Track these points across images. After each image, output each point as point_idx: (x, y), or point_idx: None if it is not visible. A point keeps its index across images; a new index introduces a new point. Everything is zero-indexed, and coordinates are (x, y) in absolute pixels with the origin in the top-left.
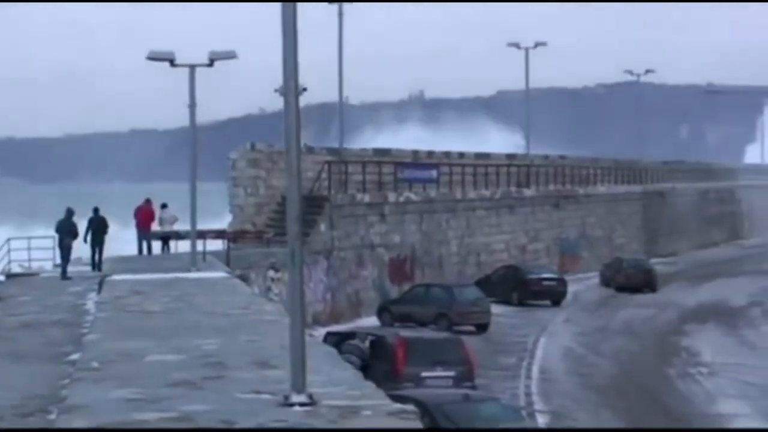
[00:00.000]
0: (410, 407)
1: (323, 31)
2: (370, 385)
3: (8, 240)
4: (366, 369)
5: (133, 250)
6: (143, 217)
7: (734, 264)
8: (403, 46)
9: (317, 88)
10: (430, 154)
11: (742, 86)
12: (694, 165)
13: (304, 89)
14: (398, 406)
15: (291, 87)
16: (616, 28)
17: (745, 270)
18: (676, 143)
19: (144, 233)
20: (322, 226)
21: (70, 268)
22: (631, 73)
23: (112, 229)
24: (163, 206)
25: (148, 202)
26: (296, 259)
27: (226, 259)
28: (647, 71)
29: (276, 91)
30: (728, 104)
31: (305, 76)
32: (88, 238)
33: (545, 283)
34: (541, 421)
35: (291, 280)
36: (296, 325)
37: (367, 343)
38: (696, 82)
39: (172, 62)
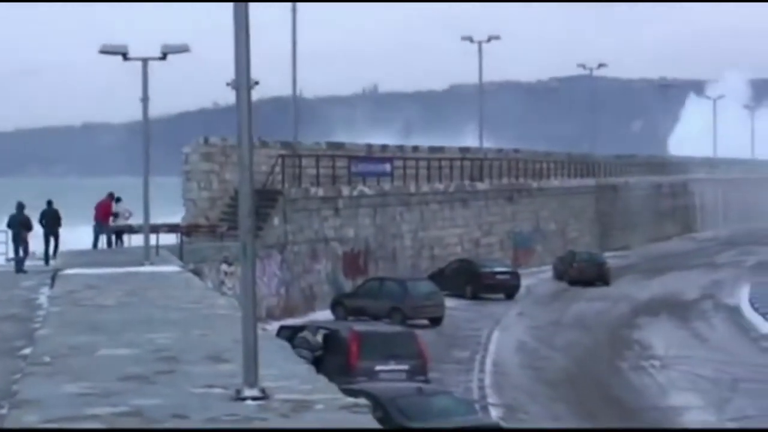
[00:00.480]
0: (363, 401)
1: (277, 24)
2: (322, 379)
3: None
4: (317, 362)
5: (87, 245)
6: (104, 210)
7: (687, 257)
8: (356, 40)
9: (271, 82)
10: (384, 147)
11: (696, 80)
12: (647, 159)
13: (256, 83)
14: (351, 399)
15: (243, 81)
16: (570, 22)
17: (697, 263)
18: (629, 137)
19: (104, 227)
20: (276, 220)
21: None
22: (584, 67)
23: (65, 223)
24: (118, 200)
25: (110, 196)
26: (248, 253)
27: (179, 253)
28: (600, 65)
29: (228, 84)
30: (681, 98)
31: (258, 70)
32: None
33: (499, 276)
34: (495, 414)
35: (243, 274)
36: (248, 320)
37: (319, 337)
38: (649, 76)
39: (125, 56)
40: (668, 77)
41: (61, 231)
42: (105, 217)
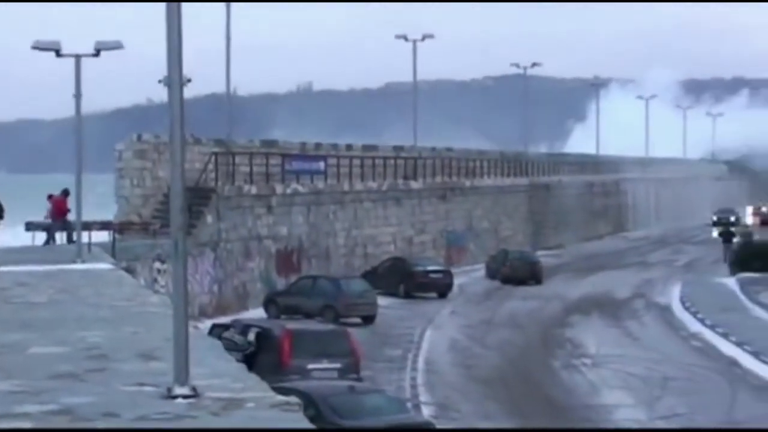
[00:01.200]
0: (294, 399)
1: (211, 21)
2: (253, 377)
3: None
4: (248, 361)
5: (20, 242)
6: (59, 207)
7: (619, 256)
8: (291, 37)
9: (205, 80)
10: (318, 145)
11: (628, 79)
12: (579, 157)
13: (189, 80)
14: (282, 398)
15: (175, 78)
16: (504, 21)
17: (629, 262)
18: (563, 136)
19: (58, 224)
20: (209, 218)
21: None
22: (517, 66)
23: None
24: (50, 197)
25: (64, 193)
26: (180, 251)
27: (111, 250)
28: (534, 64)
29: (160, 82)
30: (614, 97)
31: (192, 67)
32: None
33: (432, 275)
34: (426, 412)
35: (175, 271)
36: (180, 317)
37: (251, 335)
38: (582, 75)
39: (58, 52)
40: (601, 76)
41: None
42: (60, 215)
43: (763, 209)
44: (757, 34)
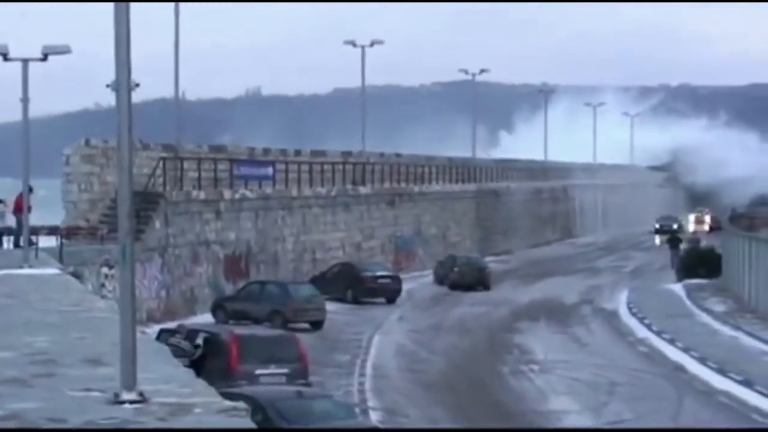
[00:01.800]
0: (241, 404)
1: (159, 24)
2: (201, 383)
3: None
4: (196, 366)
5: None
6: (16, 204)
7: (567, 262)
8: (240, 42)
9: (153, 84)
10: (266, 151)
11: (577, 86)
12: (527, 164)
13: (137, 85)
14: (229, 403)
15: (123, 83)
16: (453, 28)
17: (577, 268)
18: (511, 142)
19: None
20: (157, 223)
21: None
22: (466, 72)
23: None
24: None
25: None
26: (127, 256)
27: (59, 255)
28: (482, 71)
29: (108, 86)
30: (562, 103)
31: (140, 72)
32: None
33: (380, 280)
34: (375, 417)
35: (122, 276)
36: (127, 323)
37: (199, 340)
38: (531, 82)
39: (5, 56)
40: (550, 83)
41: None
42: (18, 211)
43: (706, 217)
44: (704, 42)
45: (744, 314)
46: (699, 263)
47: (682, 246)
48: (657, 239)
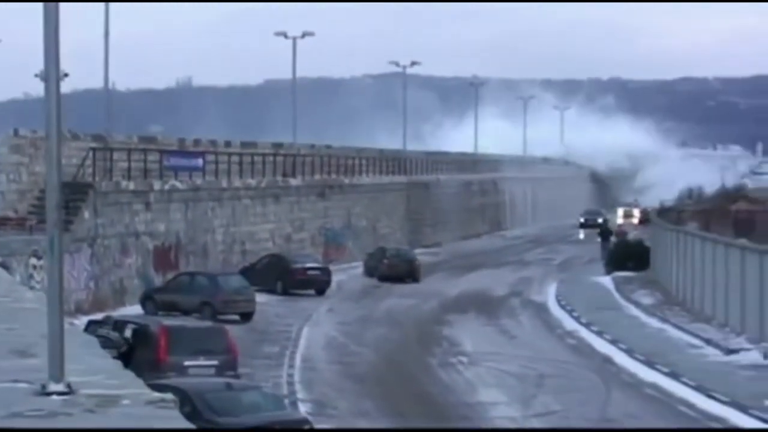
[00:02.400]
0: (170, 396)
1: (90, 14)
2: (129, 374)
3: None
4: (125, 357)
5: None
6: None
7: (496, 254)
8: (170, 32)
9: (83, 74)
10: (197, 142)
11: (507, 79)
12: (458, 156)
13: (66, 75)
14: (157, 395)
15: (52, 72)
16: (384, 20)
17: (506, 260)
18: (441, 134)
19: None
20: (86, 214)
21: None
22: (397, 64)
23: None
24: None
25: None
26: (55, 247)
27: None
28: (413, 63)
29: (37, 76)
30: (492, 96)
31: (70, 61)
32: None
33: (310, 272)
34: (304, 409)
35: (50, 267)
36: (55, 314)
37: (128, 332)
38: (461, 74)
39: None
40: (480, 75)
41: None
42: None
43: (635, 210)
44: (635, 36)
45: (671, 307)
46: (627, 256)
47: (612, 239)
48: (581, 233)
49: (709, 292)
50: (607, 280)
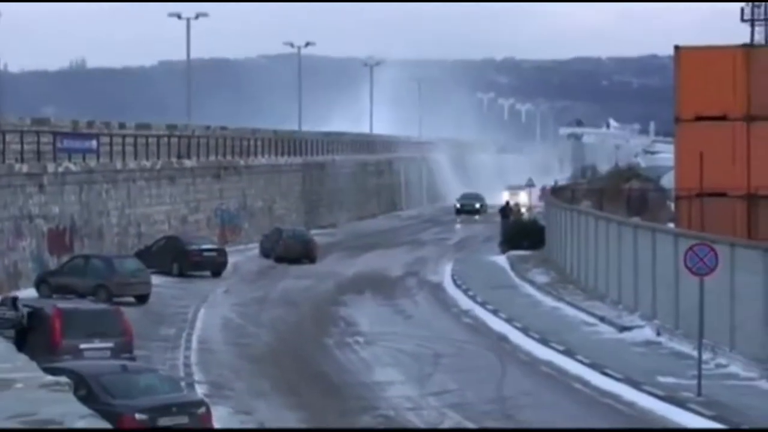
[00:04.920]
0: (64, 379)
1: None
2: (23, 357)
3: None
4: (20, 339)
5: None
6: None
7: (392, 235)
8: (63, 13)
9: None
10: (90, 123)
11: (402, 60)
12: (354, 137)
13: None
14: (51, 378)
15: None
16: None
17: (402, 241)
18: (337, 115)
19: None
20: None
21: None
22: (291, 45)
23: None
24: None
25: None
26: None
27: None
28: (308, 44)
29: None
30: (388, 77)
31: None
32: None
33: (205, 254)
34: (200, 391)
35: None
36: None
37: (22, 313)
38: (356, 55)
39: None
40: (376, 56)
41: None
42: None
43: (521, 192)
44: (528, 16)
45: (566, 285)
46: (523, 235)
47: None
48: (458, 222)
49: (603, 270)
50: (502, 259)
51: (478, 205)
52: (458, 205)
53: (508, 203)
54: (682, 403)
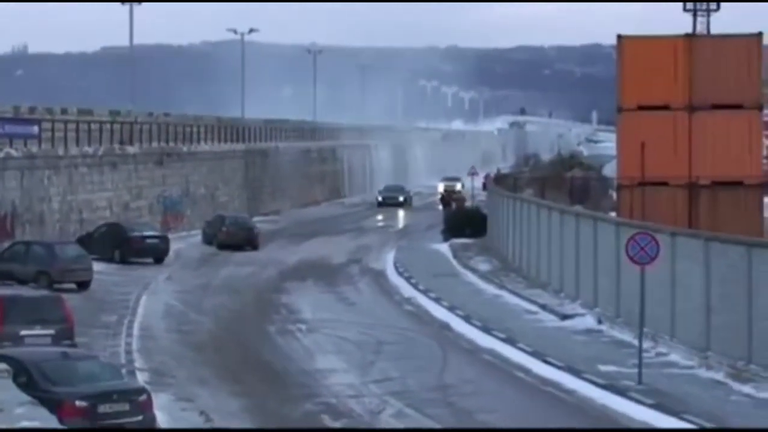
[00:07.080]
0: (4, 366)
1: None
2: None
3: None
4: None
5: None
6: None
7: (335, 222)
8: None
9: None
10: (32, 109)
11: (347, 47)
12: (297, 124)
13: None
14: None
15: None
16: None
17: (345, 228)
18: (280, 102)
19: None
20: None
21: None
22: (235, 31)
23: None
24: None
25: None
26: None
27: None
28: (251, 30)
29: None
30: (332, 64)
31: None
32: None
33: (148, 240)
34: (141, 378)
35: None
36: None
37: None
38: (300, 42)
39: None
40: (319, 43)
41: None
42: None
43: (457, 184)
44: (470, 4)
45: (508, 273)
46: (465, 223)
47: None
48: (380, 217)
49: (545, 258)
50: (444, 248)
51: (401, 198)
52: (380, 198)
53: (443, 194)
54: (622, 391)
